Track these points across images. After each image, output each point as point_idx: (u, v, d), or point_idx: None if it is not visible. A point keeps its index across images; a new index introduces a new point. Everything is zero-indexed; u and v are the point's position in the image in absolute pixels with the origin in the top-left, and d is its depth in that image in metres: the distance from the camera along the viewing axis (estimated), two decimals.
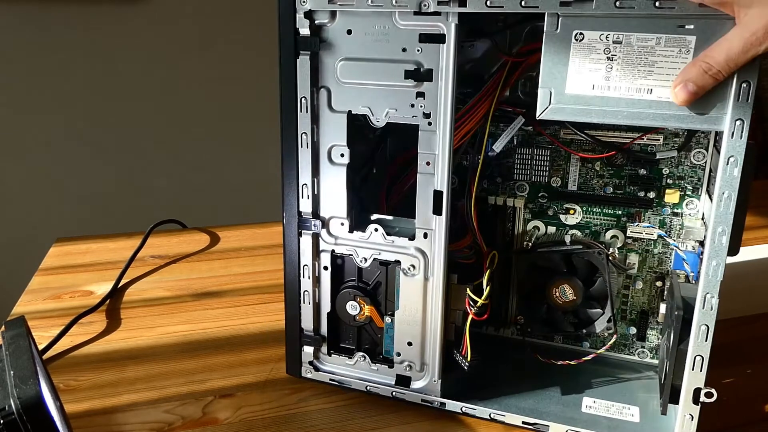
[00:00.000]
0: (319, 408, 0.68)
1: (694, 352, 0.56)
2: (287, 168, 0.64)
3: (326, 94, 0.61)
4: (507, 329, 0.77)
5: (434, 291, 0.63)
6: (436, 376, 0.66)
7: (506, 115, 0.67)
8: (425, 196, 0.61)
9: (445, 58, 0.56)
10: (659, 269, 0.69)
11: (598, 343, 0.74)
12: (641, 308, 0.71)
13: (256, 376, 0.74)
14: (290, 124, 0.62)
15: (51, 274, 0.98)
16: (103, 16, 1.78)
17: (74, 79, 1.82)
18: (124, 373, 0.74)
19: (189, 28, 1.85)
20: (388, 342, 0.67)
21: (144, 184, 1.96)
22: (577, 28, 0.52)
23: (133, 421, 0.66)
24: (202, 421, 0.67)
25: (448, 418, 0.66)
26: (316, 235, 0.66)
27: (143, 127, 1.91)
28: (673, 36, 0.50)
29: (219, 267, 1.01)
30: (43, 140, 1.85)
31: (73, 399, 0.69)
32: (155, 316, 0.87)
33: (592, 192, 0.70)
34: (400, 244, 0.63)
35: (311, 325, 0.69)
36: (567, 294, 0.69)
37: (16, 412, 0.41)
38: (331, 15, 0.59)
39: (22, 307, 0.88)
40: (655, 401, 0.66)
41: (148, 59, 1.85)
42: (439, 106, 0.58)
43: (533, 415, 0.64)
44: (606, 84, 0.52)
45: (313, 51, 0.60)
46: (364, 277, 0.67)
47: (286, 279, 0.68)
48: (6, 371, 0.44)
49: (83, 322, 0.84)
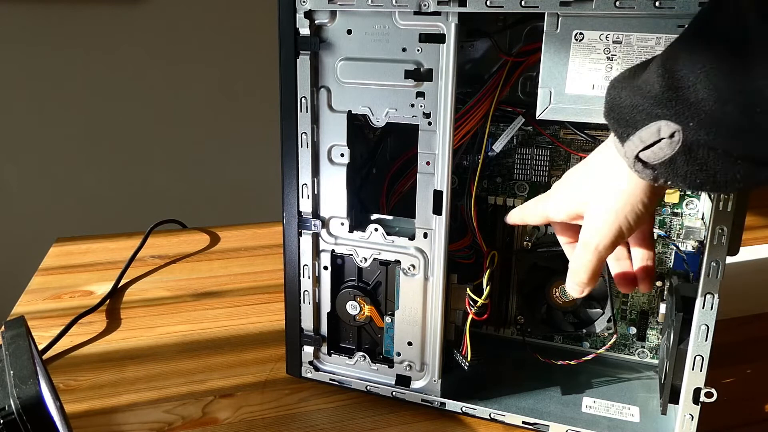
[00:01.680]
0: (319, 408, 0.68)
1: (694, 352, 0.56)
2: (287, 168, 0.64)
3: (326, 94, 0.61)
4: (507, 329, 0.77)
5: (434, 291, 0.63)
6: (436, 376, 0.66)
7: (506, 115, 0.67)
8: (425, 196, 0.61)
9: (445, 58, 0.56)
10: (659, 269, 0.69)
11: (598, 343, 0.74)
12: (641, 308, 0.71)
13: (256, 376, 0.74)
14: (290, 124, 0.62)
15: (51, 274, 0.98)
16: (103, 16, 1.78)
17: (74, 78, 1.82)
18: (124, 373, 0.74)
19: (189, 28, 1.85)
20: (388, 342, 0.67)
21: (144, 184, 1.96)
22: (577, 28, 0.52)
23: (133, 421, 0.66)
24: (202, 421, 0.67)
25: (448, 418, 0.66)
26: (316, 235, 0.66)
27: (143, 127, 1.91)
28: (673, 36, 0.50)
29: (219, 267, 1.01)
30: (43, 140, 1.85)
31: (73, 399, 0.69)
32: (155, 316, 0.87)
33: None
34: (400, 243, 0.63)
35: (311, 325, 0.69)
36: (567, 294, 0.68)
37: (16, 412, 0.41)
38: (331, 15, 0.59)
39: (22, 307, 0.88)
40: (655, 401, 0.66)
41: (148, 59, 1.85)
42: (439, 106, 0.58)
43: (533, 415, 0.64)
44: (606, 84, 0.52)
45: (313, 51, 0.60)
46: (364, 277, 0.67)
47: (286, 279, 0.68)
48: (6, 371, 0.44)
49: (83, 322, 0.84)
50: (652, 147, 0.39)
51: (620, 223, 0.45)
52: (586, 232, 0.48)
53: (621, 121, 0.41)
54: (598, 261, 0.48)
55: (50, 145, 1.86)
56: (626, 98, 0.41)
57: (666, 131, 0.38)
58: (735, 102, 0.36)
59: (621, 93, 0.42)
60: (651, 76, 0.39)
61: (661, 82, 0.38)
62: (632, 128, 0.40)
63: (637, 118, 0.40)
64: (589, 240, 0.47)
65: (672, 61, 0.39)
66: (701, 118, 0.37)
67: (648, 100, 0.39)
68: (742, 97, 0.35)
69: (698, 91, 0.37)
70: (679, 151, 0.38)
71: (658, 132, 0.39)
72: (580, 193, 0.48)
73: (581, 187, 0.48)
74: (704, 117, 0.37)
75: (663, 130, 0.38)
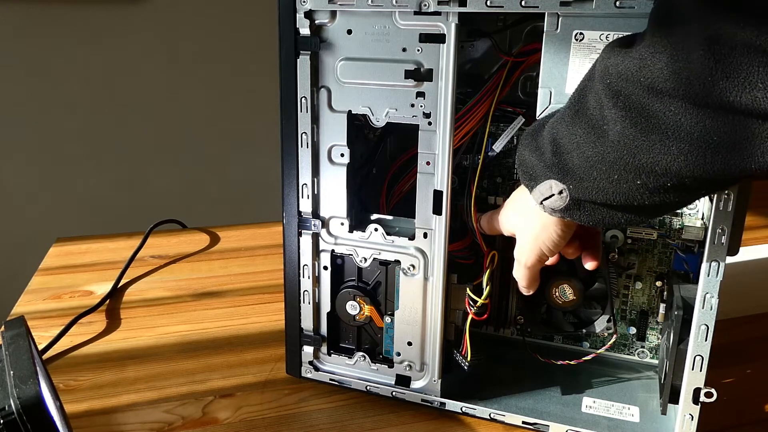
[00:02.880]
0: (319, 408, 0.68)
1: (694, 352, 0.56)
2: (287, 168, 0.64)
3: (326, 94, 0.61)
4: (507, 329, 0.77)
5: (434, 291, 0.63)
6: (436, 375, 0.66)
7: (506, 115, 0.67)
8: (425, 196, 0.61)
9: (445, 58, 0.56)
10: (659, 269, 0.69)
11: (598, 343, 0.74)
12: (641, 308, 0.71)
13: (256, 376, 0.74)
14: (290, 124, 0.62)
15: (51, 274, 0.98)
16: (103, 16, 1.79)
17: (74, 79, 1.82)
18: (124, 373, 0.74)
19: (189, 27, 1.85)
20: (388, 342, 0.67)
21: (144, 184, 1.96)
22: (577, 28, 0.52)
23: (133, 421, 0.66)
24: (202, 421, 0.67)
25: (448, 418, 0.66)
26: (316, 235, 0.66)
27: (143, 127, 1.91)
28: None
29: (219, 267, 1.01)
30: (43, 140, 1.85)
31: (73, 399, 0.69)
32: (155, 316, 0.87)
33: None
34: (400, 243, 0.63)
35: (311, 325, 0.69)
36: (567, 294, 0.69)
37: (16, 412, 0.41)
38: (332, 15, 0.59)
39: (22, 307, 0.88)
40: (655, 401, 0.66)
41: (148, 59, 1.85)
42: (439, 106, 0.58)
43: (533, 414, 0.64)
44: None
45: (313, 51, 0.60)
46: (364, 277, 0.67)
47: (286, 279, 0.68)
48: (6, 371, 0.44)
49: (83, 322, 0.84)
50: (549, 198, 0.48)
51: (541, 247, 0.55)
52: (517, 251, 0.58)
53: (525, 175, 0.50)
54: (529, 273, 0.58)
55: (50, 145, 1.86)
56: (528, 156, 0.49)
57: (556, 189, 0.47)
58: (598, 169, 0.43)
59: (524, 151, 0.50)
60: (544, 141, 0.48)
61: (550, 148, 0.47)
62: (534, 182, 0.49)
63: (536, 175, 0.48)
64: (519, 258, 0.58)
65: (557, 130, 0.47)
66: (576, 181, 0.45)
67: (541, 162, 0.48)
68: (605, 165, 0.43)
69: (573, 159, 0.45)
70: (569, 203, 0.47)
71: (551, 188, 0.47)
72: (514, 219, 0.59)
73: (513, 216, 0.59)
74: (578, 180, 0.45)
75: (554, 188, 0.47)
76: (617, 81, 0.40)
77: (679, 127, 0.38)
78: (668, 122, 0.38)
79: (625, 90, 0.40)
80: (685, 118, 0.38)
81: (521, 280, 0.59)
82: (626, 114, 0.40)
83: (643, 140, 0.40)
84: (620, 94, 0.40)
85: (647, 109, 0.39)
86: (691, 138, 0.38)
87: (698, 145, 0.38)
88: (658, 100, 0.38)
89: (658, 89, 0.38)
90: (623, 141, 0.41)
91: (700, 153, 0.38)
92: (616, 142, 0.42)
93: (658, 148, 0.39)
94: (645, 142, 0.40)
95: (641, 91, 0.39)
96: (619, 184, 0.43)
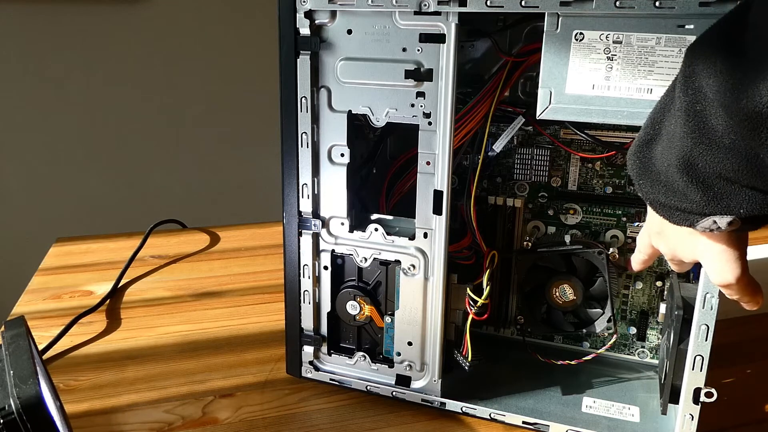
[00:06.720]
0: (319, 408, 0.68)
1: (694, 352, 0.56)
2: (287, 168, 0.64)
3: (326, 94, 0.61)
4: (507, 329, 0.77)
5: (434, 291, 0.63)
6: (436, 375, 0.66)
7: (506, 115, 0.67)
8: (425, 195, 0.61)
9: (445, 58, 0.56)
10: (659, 269, 0.69)
11: (598, 343, 0.74)
12: (641, 308, 0.71)
13: (256, 376, 0.74)
14: (290, 124, 0.62)
15: (51, 274, 0.98)
16: (103, 16, 1.78)
17: (74, 78, 1.82)
18: (124, 373, 0.74)
19: (189, 28, 1.85)
20: (388, 342, 0.67)
21: (144, 184, 1.96)
22: (577, 28, 0.52)
23: (133, 421, 0.66)
24: (202, 421, 0.67)
25: (448, 418, 0.66)
26: (316, 235, 0.66)
27: (143, 127, 1.91)
28: (673, 36, 0.50)
29: (219, 267, 1.01)
30: (43, 140, 1.84)
31: (73, 399, 0.69)
32: (155, 316, 0.87)
33: (592, 192, 0.70)
34: (400, 243, 0.63)
35: (311, 324, 0.69)
36: (567, 294, 0.69)
37: (16, 412, 0.41)
38: (332, 15, 0.59)
39: (22, 307, 0.88)
40: (655, 401, 0.66)
41: (148, 59, 1.85)
42: (440, 106, 0.58)
43: (533, 414, 0.64)
44: (606, 84, 0.52)
45: (313, 51, 0.60)
46: (364, 277, 0.67)
47: (286, 279, 0.68)
48: (6, 371, 0.44)
49: (83, 322, 0.84)
50: (718, 228, 0.44)
51: (733, 257, 0.49)
52: (715, 278, 0.51)
53: (673, 217, 0.46)
54: (743, 281, 0.51)
55: (50, 145, 1.85)
56: (663, 200, 0.45)
57: (722, 222, 0.43)
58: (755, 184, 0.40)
59: (654, 194, 0.46)
60: (680, 183, 0.43)
61: (697, 191, 0.42)
62: (689, 222, 0.45)
63: (689, 219, 0.45)
64: (722, 281, 0.50)
65: (693, 167, 0.42)
66: (746, 207, 0.42)
67: (694, 205, 0.43)
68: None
69: (731, 194, 0.41)
70: (743, 223, 0.43)
71: (714, 223, 0.43)
72: (684, 247, 0.52)
73: (685, 242, 0.51)
74: (747, 206, 0.41)
75: (719, 222, 0.43)
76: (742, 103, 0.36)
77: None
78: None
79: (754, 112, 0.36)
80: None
81: (743, 296, 0.51)
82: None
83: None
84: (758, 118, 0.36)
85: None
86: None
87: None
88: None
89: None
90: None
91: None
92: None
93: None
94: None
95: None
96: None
